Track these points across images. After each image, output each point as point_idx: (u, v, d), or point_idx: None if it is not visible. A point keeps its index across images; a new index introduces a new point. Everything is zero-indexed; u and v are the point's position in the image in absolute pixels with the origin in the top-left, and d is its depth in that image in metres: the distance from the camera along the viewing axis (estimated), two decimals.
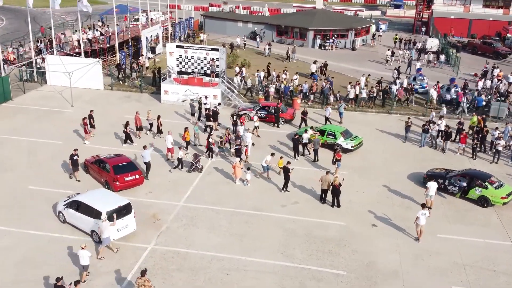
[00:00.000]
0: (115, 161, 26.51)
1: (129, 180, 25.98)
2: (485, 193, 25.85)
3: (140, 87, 42.32)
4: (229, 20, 68.07)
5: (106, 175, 26.14)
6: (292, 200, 25.86)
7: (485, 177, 26.54)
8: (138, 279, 17.73)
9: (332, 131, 31.63)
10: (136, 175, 26.26)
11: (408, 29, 79.24)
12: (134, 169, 26.45)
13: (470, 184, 26.32)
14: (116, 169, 25.91)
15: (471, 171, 27.76)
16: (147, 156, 27.44)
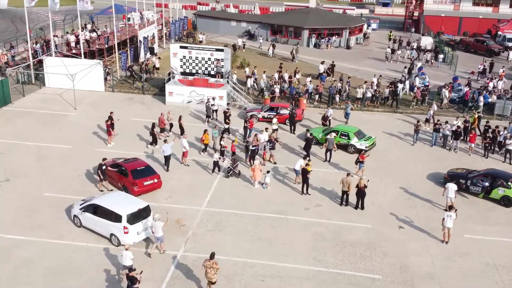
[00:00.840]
0: (133, 165, 25.99)
1: (148, 185, 25.48)
2: (508, 193, 25.95)
3: (143, 88, 41.57)
4: (222, 19, 67.47)
5: (124, 180, 25.56)
6: (314, 203, 25.60)
7: (508, 177, 26.64)
8: (207, 262, 18.17)
9: (345, 131, 31.45)
10: (155, 179, 25.75)
11: (398, 27, 79.65)
12: (152, 173, 25.92)
13: (493, 184, 26.39)
14: (135, 173, 25.33)
15: (492, 171, 27.74)
16: (168, 150, 27.74)
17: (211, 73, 39.80)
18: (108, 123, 30.90)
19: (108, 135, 31.18)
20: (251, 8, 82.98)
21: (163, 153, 27.98)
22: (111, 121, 31.08)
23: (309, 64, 51.82)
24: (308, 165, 26.26)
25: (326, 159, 30.23)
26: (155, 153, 30.28)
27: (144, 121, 34.97)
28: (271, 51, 55.31)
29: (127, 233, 21.08)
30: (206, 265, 18.10)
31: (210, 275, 18.08)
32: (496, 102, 39.06)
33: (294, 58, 53.12)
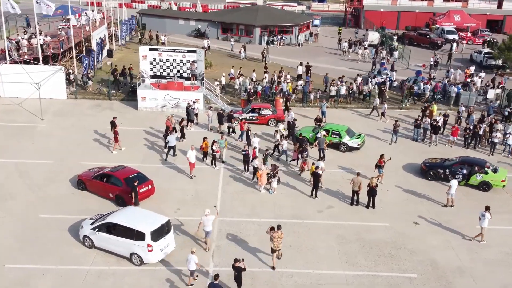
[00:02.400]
0: (124, 173, 24.80)
1: (144, 192, 24.56)
2: (486, 178, 27.34)
3: (109, 94, 39.43)
4: (169, 18, 65.67)
5: (117, 190, 24.25)
6: (325, 205, 25.40)
7: (483, 163, 28.01)
8: (275, 233, 19.61)
9: (336, 130, 31.48)
10: (149, 185, 24.96)
11: (339, 23, 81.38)
12: (145, 179, 24.99)
13: (471, 171, 27.57)
14: (129, 181, 24.16)
15: (467, 158, 29.03)
16: (173, 141, 29.15)
17: (183, 76, 38.48)
18: (116, 128, 29.72)
19: (115, 141, 29.73)
20: (191, 6, 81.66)
21: (168, 143, 29.09)
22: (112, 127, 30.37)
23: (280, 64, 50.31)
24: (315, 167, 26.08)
25: (320, 158, 30.08)
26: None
27: (124, 129, 33.11)
28: (243, 54, 53.71)
29: (151, 251, 19.86)
30: (274, 236, 19.54)
31: (277, 243, 19.73)
32: (461, 94, 40.74)
33: (264, 58, 52.18)
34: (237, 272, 18.20)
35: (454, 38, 64.37)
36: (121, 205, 24.01)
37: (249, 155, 28.31)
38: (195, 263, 18.72)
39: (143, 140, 31.95)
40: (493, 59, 53.39)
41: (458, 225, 23.86)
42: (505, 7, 76.25)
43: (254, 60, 53.15)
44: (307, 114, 37.80)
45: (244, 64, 48.61)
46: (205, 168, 28.55)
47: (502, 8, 76.49)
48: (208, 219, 20.71)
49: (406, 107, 40.29)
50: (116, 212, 21.55)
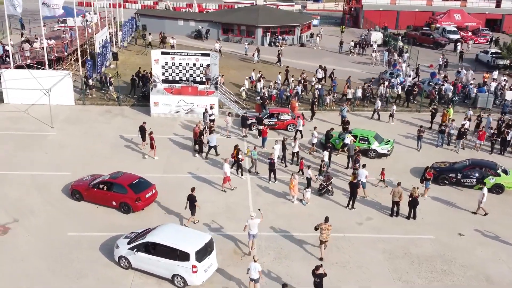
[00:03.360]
0: (126, 179, 24.04)
1: (149, 197, 24.09)
2: (499, 181, 26.84)
3: (118, 99, 37.86)
4: (167, 18, 63.99)
5: (121, 197, 23.42)
6: (364, 216, 24.32)
7: (493, 165, 27.45)
8: (322, 224, 20.34)
9: (364, 136, 30.38)
10: (153, 190, 24.36)
11: (337, 23, 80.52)
12: (148, 184, 24.40)
13: (483, 174, 26.92)
14: (134, 187, 23.54)
15: (477, 161, 28.28)
16: (214, 140, 29.19)
17: (196, 80, 37.14)
18: (152, 134, 28.66)
19: (152, 148, 28.72)
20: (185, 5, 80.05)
21: (208, 143, 29.27)
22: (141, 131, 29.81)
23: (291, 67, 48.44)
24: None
25: (348, 166, 29.06)
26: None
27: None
28: (257, 57, 51.67)
29: (195, 273, 18.60)
30: (323, 227, 20.23)
31: (326, 235, 20.29)
32: (479, 96, 40.01)
33: (280, 61, 50.60)
34: (318, 279, 17.85)
35: (458, 37, 63.77)
36: (125, 212, 23.39)
37: (275, 164, 27.11)
38: (258, 272, 18.02)
39: (162, 149, 30.49)
40: (501, 59, 52.84)
41: (504, 235, 22.97)
42: (503, 6, 76.08)
43: (267, 63, 51.50)
44: (324, 118, 36.76)
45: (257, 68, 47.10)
46: (235, 178, 27.22)
47: (500, 7, 76.32)
48: (254, 223, 20.39)
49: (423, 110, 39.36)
50: (155, 230, 20.15)
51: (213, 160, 29.37)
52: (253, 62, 51.01)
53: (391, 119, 36.28)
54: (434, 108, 35.94)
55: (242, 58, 53.76)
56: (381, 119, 36.88)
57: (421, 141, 32.32)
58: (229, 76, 43.68)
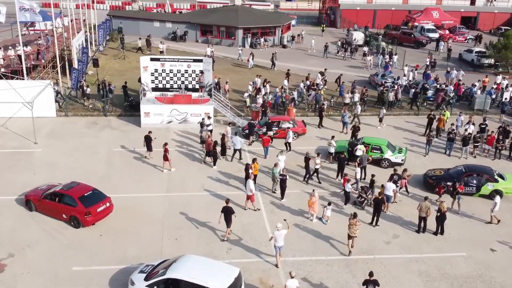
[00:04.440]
0: (78, 191, 22.32)
1: (102, 211, 22.23)
2: (497, 186, 25.89)
3: (104, 109, 35.29)
4: (142, 20, 61.22)
5: (71, 210, 21.73)
6: (390, 234, 22.84)
7: (490, 171, 26.53)
8: (351, 219, 20.72)
9: (377, 144, 28.94)
10: (107, 203, 22.50)
11: (313, 22, 79.34)
12: (102, 197, 22.59)
13: (481, 180, 25.96)
14: (84, 200, 21.84)
15: (472, 166, 27.22)
16: (238, 143, 28.51)
17: (189, 87, 34.99)
18: (166, 146, 27.04)
19: (165, 159, 27.08)
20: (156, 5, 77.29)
21: (234, 146, 28.62)
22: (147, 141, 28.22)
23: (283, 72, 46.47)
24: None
25: (361, 177, 27.56)
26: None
27: (137, 151, 29.51)
28: (252, 62, 48.99)
29: None
30: (351, 222, 20.60)
31: (353, 230, 20.61)
32: (476, 97, 39.27)
33: (274, 65, 48.65)
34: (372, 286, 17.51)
35: (438, 36, 63.48)
36: (75, 227, 21.85)
37: (286, 180, 25.30)
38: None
39: (161, 164, 28.30)
40: (486, 58, 52.55)
41: None
42: (478, 4, 76.50)
43: (262, 67, 49.20)
44: (323, 124, 35.20)
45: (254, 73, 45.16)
46: (240, 195, 25.32)
47: (475, 4, 76.69)
48: (281, 234, 19.64)
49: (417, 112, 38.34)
50: (175, 263, 18.00)
51: (217, 176, 27.39)
52: (247, 67, 48.61)
53: (380, 123, 34.87)
54: (433, 114, 34.27)
55: (235, 63, 51.08)
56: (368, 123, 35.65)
57: (429, 146, 31.19)
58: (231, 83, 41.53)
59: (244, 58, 50.44)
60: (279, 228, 19.67)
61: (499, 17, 76.34)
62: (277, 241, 19.69)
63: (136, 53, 51.67)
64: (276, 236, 19.65)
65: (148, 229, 22.20)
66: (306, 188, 26.28)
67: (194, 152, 30.12)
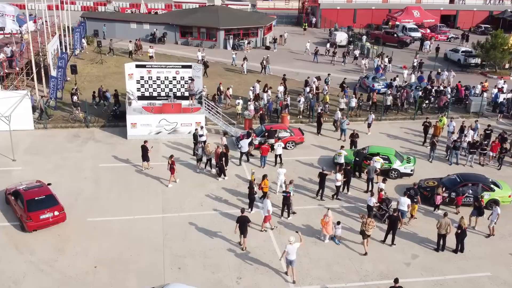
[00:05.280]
0: (31, 193, 21.65)
1: (46, 219, 21.09)
2: (494, 196, 24.64)
3: (86, 120, 32.90)
4: (118, 21, 58.53)
5: (19, 212, 21.37)
6: (408, 254, 21.34)
7: (486, 179, 25.33)
8: (365, 218, 20.74)
9: (385, 154, 27.35)
10: (55, 212, 21.32)
11: (292, 22, 77.80)
12: (53, 204, 21.47)
13: (477, 190, 24.57)
14: (30, 204, 21.15)
15: (467, 175, 25.77)
16: (245, 146, 27.89)
17: (177, 95, 32.93)
18: (173, 159, 25.52)
19: (172, 173, 25.41)
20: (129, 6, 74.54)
21: (240, 149, 28.09)
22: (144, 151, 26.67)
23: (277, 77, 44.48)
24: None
25: (368, 189, 26.04)
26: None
27: (125, 166, 27.36)
28: (245, 67, 46.13)
29: None
30: (367, 222, 20.60)
31: (369, 228, 20.56)
32: (472, 100, 38.28)
33: (264, 69, 46.50)
34: None
35: (420, 35, 62.77)
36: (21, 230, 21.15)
37: (290, 197, 23.52)
38: None
39: (154, 180, 26.26)
40: (473, 58, 51.85)
41: None
42: (457, 2, 76.28)
43: (252, 72, 46.79)
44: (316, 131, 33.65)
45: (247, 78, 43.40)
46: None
47: (454, 2, 76.42)
48: (294, 248, 18.78)
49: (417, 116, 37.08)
50: None
51: (215, 192, 25.48)
52: (240, 73, 46.25)
53: (369, 129, 33.35)
54: (428, 122, 32.48)
55: (229, 68, 48.47)
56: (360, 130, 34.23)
57: (434, 152, 29.90)
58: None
59: (238, 62, 47.90)
60: (291, 242, 18.76)
61: (478, 15, 76.25)
62: (290, 255, 18.81)
63: (121, 58, 49.29)
64: (288, 250, 18.73)
65: (147, 258, 20.17)
66: (313, 204, 24.62)
67: (187, 165, 28.12)
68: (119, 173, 26.85)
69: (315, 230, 22.43)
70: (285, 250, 18.86)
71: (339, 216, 23.45)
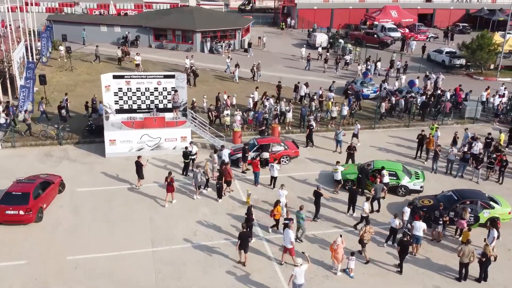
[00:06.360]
0: (13, 187, 22.12)
1: (9, 215, 21.14)
2: (493, 213, 22.77)
3: (59, 137, 29.91)
4: (87, 24, 55.04)
5: None
6: (429, 284, 19.38)
7: (483, 196, 23.44)
8: (365, 227, 20.09)
9: (392, 170, 25.30)
10: (21, 211, 21.06)
11: (268, 22, 75.57)
12: (22, 203, 21.14)
13: (477, 208, 22.73)
14: (4, 197, 21.51)
15: (464, 192, 23.60)
16: (226, 156, 26.18)
17: (159, 107, 30.31)
18: (171, 176, 23.50)
19: (169, 191, 23.60)
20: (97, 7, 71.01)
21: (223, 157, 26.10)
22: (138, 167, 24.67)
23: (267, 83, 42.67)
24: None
25: (373, 209, 24.05)
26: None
27: (107, 190, 24.64)
28: (237, 75, 43.13)
29: None
30: (367, 230, 19.97)
31: (367, 236, 19.94)
32: (467, 105, 36.79)
33: (254, 76, 43.93)
34: None
35: (399, 35, 61.49)
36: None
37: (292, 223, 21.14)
38: None
39: (139, 205, 23.63)
40: (458, 58, 50.63)
41: None
42: (434, 0, 75.36)
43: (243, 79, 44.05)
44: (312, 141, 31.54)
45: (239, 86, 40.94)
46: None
47: (431, 1, 75.51)
48: (302, 270, 17.39)
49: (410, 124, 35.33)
50: None
51: (209, 218, 23.05)
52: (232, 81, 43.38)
53: (355, 139, 31.20)
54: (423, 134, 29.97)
55: (222, 76, 45.23)
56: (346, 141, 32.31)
57: (437, 162, 28.11)
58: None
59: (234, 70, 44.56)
60: (299, 264, 17.39)
61: (455, 13, 75.50)
62: (298, 279, 17.38)
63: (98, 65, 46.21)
64: (296, 273, 17.31)
65: None
66: (320, 229, 22.41)
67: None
68: (100, 199, 24.12)
69: (324, 260, 20.22)
70: (293, 274, 17.39)
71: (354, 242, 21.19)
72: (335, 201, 24.78)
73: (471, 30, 69.61)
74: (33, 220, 21.38)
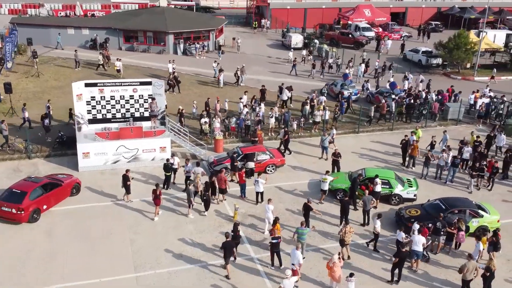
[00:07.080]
0: (17, 184, 22.44)
1: (4, 212, 21.39)
2: (482, 222, 22.07)
3: (27, 150, 27.91)
4: (53, 27, 52.51)
5: None
6: None
7: (472, 203, 22.76)
8: (345, 227, 19.78)
9: (385, 178, 24.21)
10: (13, 209, 21.14)
11: (240, 22, 74.14)
12: (15, 201, 21.28)
13: (465, 217, 21.89)
14: (4, 193, 21.95)
15: (451, 201, 22.73)
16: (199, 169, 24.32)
17: (135, 116, 28.62)
18: (159, 189, 22.41)
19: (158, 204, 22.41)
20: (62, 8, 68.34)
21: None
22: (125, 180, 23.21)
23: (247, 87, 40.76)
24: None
25: (365, 222, 22.99)
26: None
27: (82, 207, 22.85)
28: (222, 80, 41.22)
29: None
30: (347, 230, 19.73)
31: (348, 238, 19.77)
32: (449, 106, 36.20)
33: (239, 80, 42.06)
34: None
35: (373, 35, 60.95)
36: None
37: (279, 244, 19.86)
38: None
39: (118, 223, 21.97)
40: (435, 58, 50.27)
41: None
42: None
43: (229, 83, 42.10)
44: (295, 149, 30.33)
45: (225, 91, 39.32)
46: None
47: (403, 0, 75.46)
48: (291, 282, 16.99)
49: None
50: None
51: (194, 236, 21.56)
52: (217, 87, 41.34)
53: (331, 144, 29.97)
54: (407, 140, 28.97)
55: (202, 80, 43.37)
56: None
57: (428, 168, 27.25)
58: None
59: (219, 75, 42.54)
60: (288, 276, 17.00)
61: (427, 11, 75.57)
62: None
63: (61, 68, 43.88)
64: (285, 285, 16.79)
65: None
66: (311, 245, 21.18)
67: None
68: (75, 218, 22.37)
69: (321, 280, 19.01)
70: (281, 286, 16.77)
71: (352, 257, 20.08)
72: (325, 214, 23.56)
73: (444, 28, 69.70)
74: (25, 220, 21.34)
